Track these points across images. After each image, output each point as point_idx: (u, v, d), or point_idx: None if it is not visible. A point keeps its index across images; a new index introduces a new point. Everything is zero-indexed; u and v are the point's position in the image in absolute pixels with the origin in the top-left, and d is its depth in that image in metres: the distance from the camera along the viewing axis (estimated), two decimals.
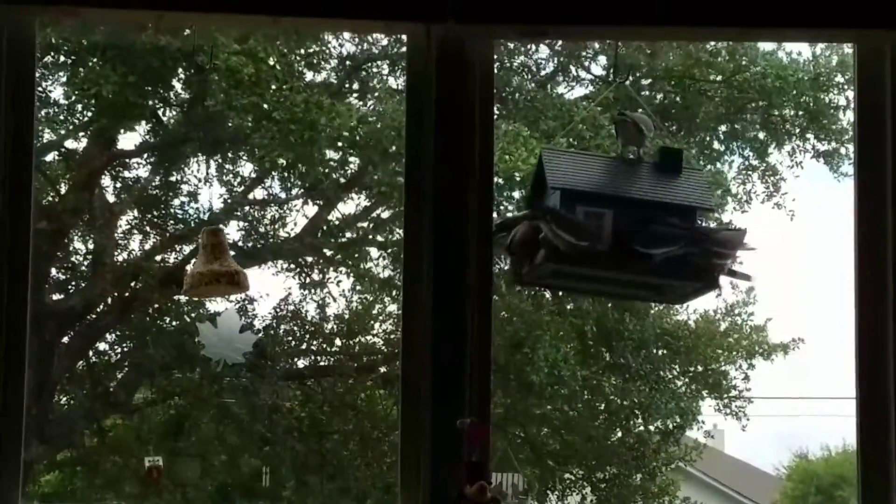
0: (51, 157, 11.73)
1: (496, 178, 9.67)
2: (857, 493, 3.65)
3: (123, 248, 11.92)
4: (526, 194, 3.86)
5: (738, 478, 17.84)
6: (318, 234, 12.18)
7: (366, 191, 12.07)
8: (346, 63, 11.94)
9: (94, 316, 11.86)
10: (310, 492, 12.10)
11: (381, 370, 12.26)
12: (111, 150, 11.75)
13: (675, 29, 3.85)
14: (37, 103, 3.65)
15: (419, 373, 3.54)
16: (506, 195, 10.75)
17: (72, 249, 11.97)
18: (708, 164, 12.00)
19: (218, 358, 4.41)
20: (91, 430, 12.21)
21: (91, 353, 12.06)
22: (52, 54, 10.79)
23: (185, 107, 11.71)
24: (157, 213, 11.95)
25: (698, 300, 11.69)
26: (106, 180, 11.90)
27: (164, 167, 11.88)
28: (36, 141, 3.65)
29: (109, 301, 11.77)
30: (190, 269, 4.03)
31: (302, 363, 12.52)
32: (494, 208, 3.72)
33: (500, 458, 11.39)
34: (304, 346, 12.45)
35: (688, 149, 11.55)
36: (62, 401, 12.09)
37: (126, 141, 11.84)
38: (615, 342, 12.19)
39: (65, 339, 11.69)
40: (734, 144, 12.49)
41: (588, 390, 12.12)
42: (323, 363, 12.59)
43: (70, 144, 11.83)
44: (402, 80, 11.31)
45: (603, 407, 12.54)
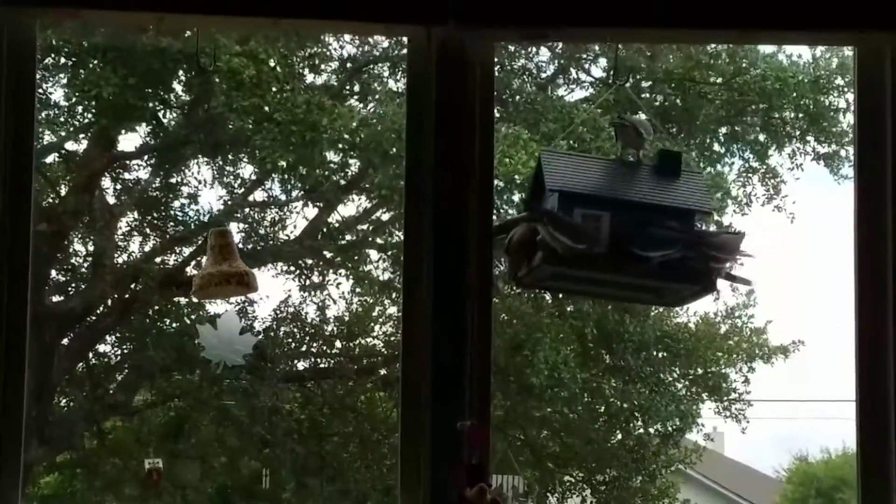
0: (51, 158, 11.73)
1: (496, 182, 9.66)
2: (857, 495, 3.64)
3: (123, 250, 11.94)
4: (525, 197, 3.85)
5: (738, 480, 17.85)
6: (318, 237, 12.17)
7: (366, 193, 12.07)
8: (347, 65, 11.94)
9: (93, 318, 11.86)
10: (310, 494, 12.10)
11: (381, 372, 12.25)
12: (111, 152, 11.75)
13: (676, 31, 3.85)
14: (37, 105, 3.65)
15: (419, 374, 3.54)
16: (506, 198, 10.75)
17: (72, 251, 11.97)
18: (708, 167, 11.99)
19: (218, 360, 4.39)
20: (91, 431, 12.20)
21: (91, 354, 12.06)
22: (53, 56, 10.79)
23: (186, 109, 11.72)
24: (157, 215, 11.95)
25: (698, 303, 11.74)
26: (106, 182, 11.92)
27: (164, 169, 11.88)
28: (36, 142, 3.65)
29: (109, 303, 11.76)
30: (194, 270, 4.03)
31: (302, 365, 12.53)
32: (494, 211, 3.72)
33: (500, 460, 11.39)
34: (304, 349, 12.45)
35: (688, 151, 11.54)
36: (62, 403, 12.09)
37: (126, 143, 11.88)
38: (615, 345, 12.19)
39: (65, 340, 11.68)
40: (734, 147, 12.48)
41: (588, 393, 12.12)
42: (323, 365, 12.59)
43: (70, 146, 11.85)
44: (402, 82, 11.31)
45: (603, 409, 12.54)
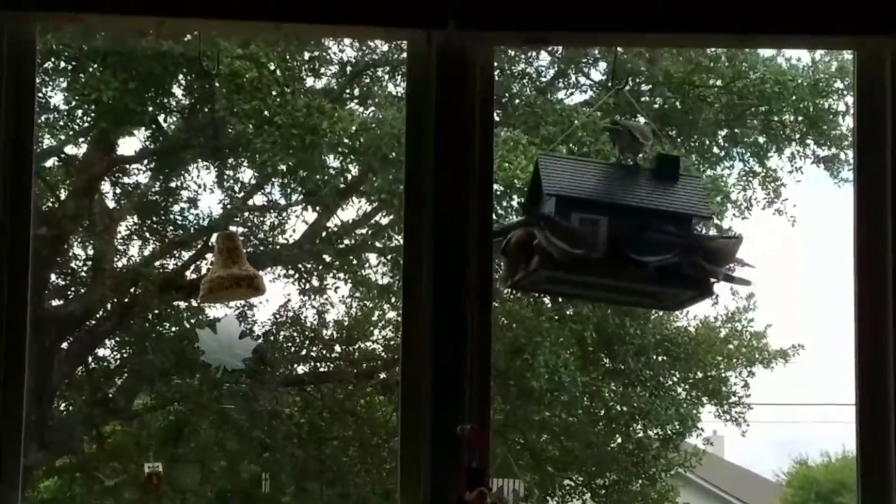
0: (51, 162, 11.72)
1: (495, 186, 9.66)
2: (857, 499, 3.64)
3: (123, 254, 11.92)
4: (524, 201, 3.85)
5: (738, 484, 17.82)
6: (318, 241, 12.17)
7: (365, 197, 12.06)
8: (347, 69, 11.94)
9: (93, 322, 11.85)
10: (309, 498, 12.09)
11: (381, 376, 12.24)
12: (111, 156, 11.74)
13: (676, 36, 3.85)
14: (37, 109, 3.65)
15: (419, 376, 3.54)
16: (505, 203, 10.75)
17: (71, 255, 11.96)
18: (708, 170, 11.99)
19: (217, 364, 4.39)
20: (90, 436, 12.19)
21: (90, 358, 12.04)
22: (53, 60, 10.79)
23: (186, 113, 11.72)
24: (156, 219, 11.94)
25: (697, 306, 11.74)
26: (106, 186, 11.90)
27: (164, 173, 11.88)
28: (36, 146, 3.65)
29: (109, 307, 11.75)
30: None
31: (301, 369, 12.52)
32: (494, 215, 3.72)
33: (500, 464, 11.39)
34: (304, 353, 12.44)
35: (687, 155, 11.55)
36: (61, 406, 12.08)
37: (126, 147, 11.87)
38: (615, 348, 12.18)
39: (64, 344, 11.67)
40: (734, 150, 12.47)
41: (588, 396, 12.11)
42: (322, 369, 12.59)
43: (70, 150, 11.83)
44: (402, 86, 11.31)
45: (603, 413, 12.52)
